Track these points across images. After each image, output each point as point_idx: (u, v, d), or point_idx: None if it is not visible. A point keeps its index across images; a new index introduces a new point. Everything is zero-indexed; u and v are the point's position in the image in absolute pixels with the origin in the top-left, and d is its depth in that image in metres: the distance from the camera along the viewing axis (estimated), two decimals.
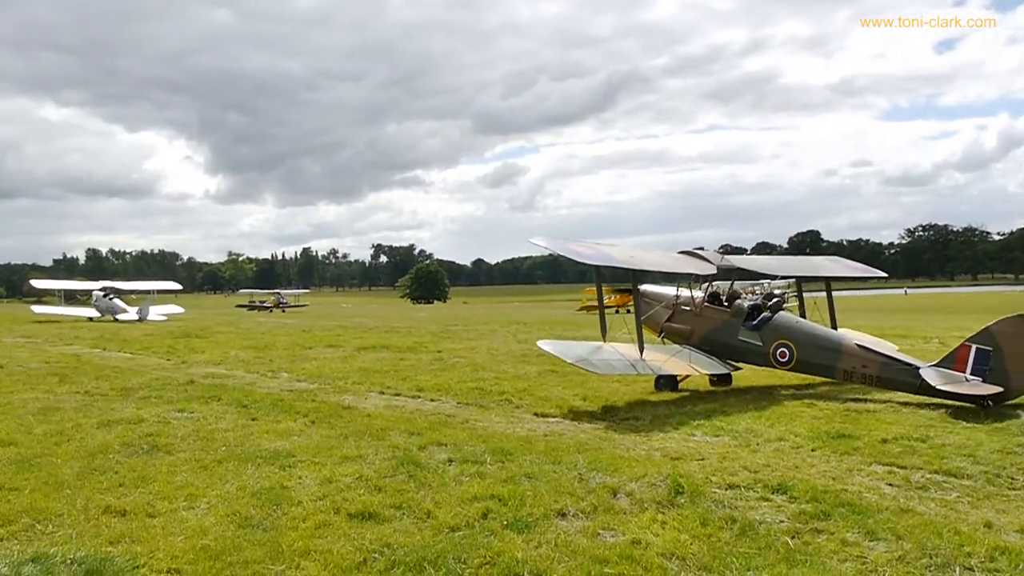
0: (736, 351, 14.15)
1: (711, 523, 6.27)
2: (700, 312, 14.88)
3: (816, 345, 13.19)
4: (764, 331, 13.75)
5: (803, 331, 13.62)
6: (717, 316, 14.64)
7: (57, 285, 61.36)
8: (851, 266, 20.19)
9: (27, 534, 6.09)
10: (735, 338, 14.10)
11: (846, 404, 11.59)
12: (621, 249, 14.68)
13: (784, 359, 13.46)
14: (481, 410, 11.76)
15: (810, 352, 13.16)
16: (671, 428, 10.16)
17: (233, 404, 12.09)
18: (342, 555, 5.61)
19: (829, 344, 13.12)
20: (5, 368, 17.63)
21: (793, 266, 19.69)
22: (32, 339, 28.50)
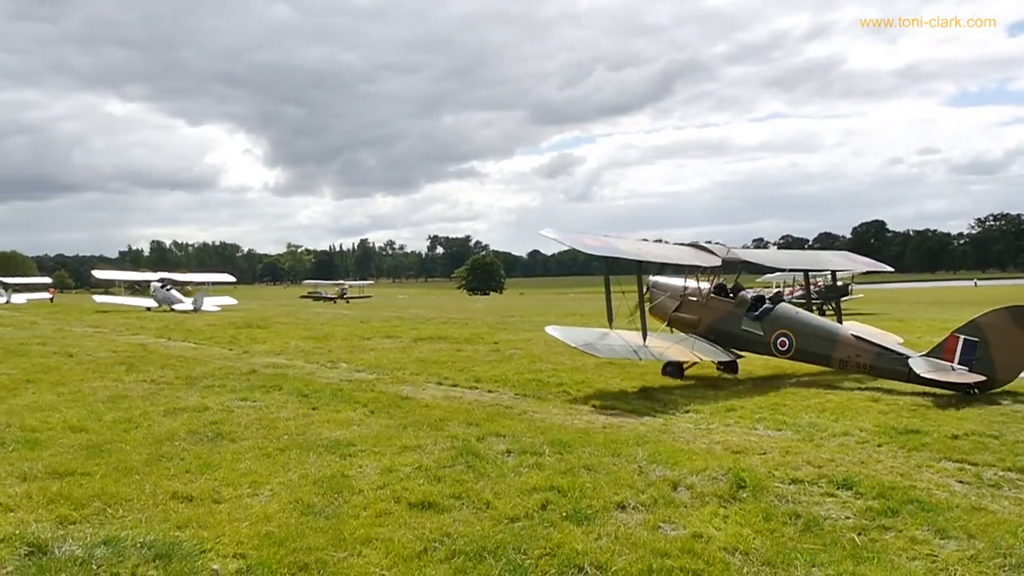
0: (739, 340, 14.77)
1: (774, 518, 6.17)
2: (706, 303, 15.51)
3: (814, 335, 13.83)
4: (765, 321, 14.41)
5: (802, 322, 14.29)
6: (722, 307, 15.28)
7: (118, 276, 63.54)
8: (857, 260, 20.77)
9: (99, 518, 6.26)
10: (739, 328, 14.75)
11: (913, 399, 11.31)
12: (628, 242, 15.41)
13: (784, 348, 14.13)
14: (539, 401, 11.76)
15: (808, 341, 13.80)
16: (732, 421, 10.03)
17: (294, 393, 12.27)
18: (403, 544, 5.65)
19: (826, 334, 13.75)
20: (75, 357, 18.15)
21: (798, 260, 20.41)
22: (100, 329, 29.30)
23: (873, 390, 12.18)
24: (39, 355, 18.54)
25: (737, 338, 14.81)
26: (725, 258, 15.74)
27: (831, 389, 12.42)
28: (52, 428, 9.62)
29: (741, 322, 14.80)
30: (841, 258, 21.91)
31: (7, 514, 6.28)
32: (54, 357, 18.08)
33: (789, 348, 14.08)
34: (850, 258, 21.40)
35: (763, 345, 14.45)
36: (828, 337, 13.66)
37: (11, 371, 15.28)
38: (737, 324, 14.85)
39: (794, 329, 14.06)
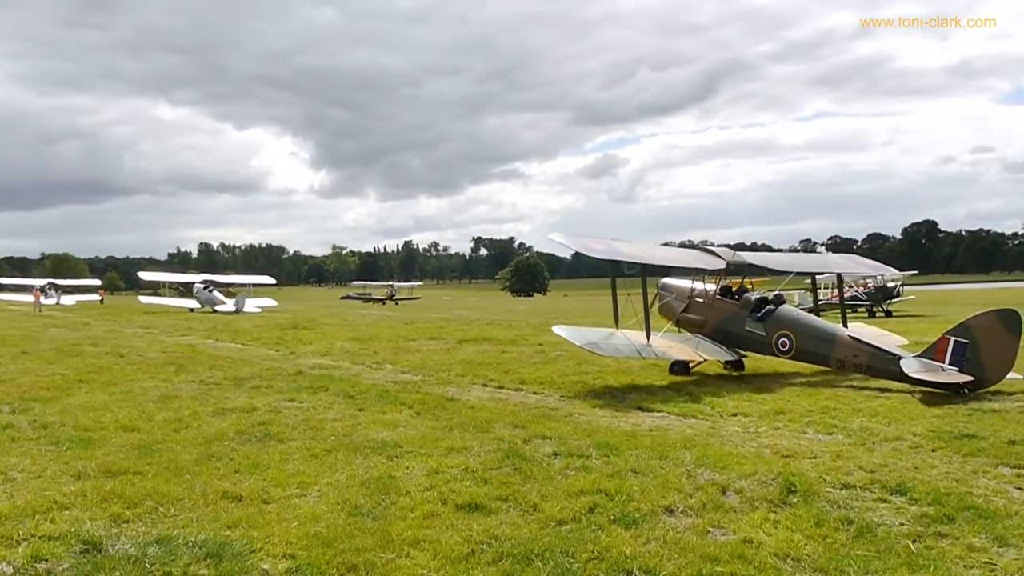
0: (743, 340, 15.30)
1: (826, 524, 6.04)
2: (712, 304, 16.05)
3: (813, 336, 14.30)
4: (768, 322, 14.89)
5: (802, 323, 14.81)
6: (727, 308, 15.79)
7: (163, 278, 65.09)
8: (863, 263, 21.46)
9: (151, 516, 6.34)
10: (742, 328, 15.25)
11: (969, 403, 11.05)
12: (633, 245, 15.81)
13: (784, 348, 14.62)
14: (585, 404, 11.70)
15: (807, 342, 14.28)
16: (781, 425, 9.88)
17: (340, 395, 12.36)
18: (450, 546, 5.64)
19: (825, 335, 14.22)
20: (126, 357, 18.50)
21: (803, 262, 20.93)
22: (150, 330, 29.84)
23: (925, 394, 11.91)
24: (91, 356, 18.93)
25: (741, 338, 15.31)
26: (730, 261, 16.23)
27: (883, 394, 12.18)
28: (105, 427, 9.80)
29: (745, 323, 15.25)
30: (847, 260, 22.73)
31: (62, 512, 6.39)
32: (106, 358, 18.44)
33: (790, 348, 14.56)
34: (856, 261, 21.97)
35: (765, 345, 14.92)
36: (827, 338, 14.12)
37: (64, 371, 15.61)
38: (741, 325, 15.32)
39: (794, 330, 14.54)
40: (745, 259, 17.03)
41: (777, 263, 18.88)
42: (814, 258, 23.64)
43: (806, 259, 23.05)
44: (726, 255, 16.36)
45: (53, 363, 17.21)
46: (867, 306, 41.14)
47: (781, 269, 17.86)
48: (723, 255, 16.31)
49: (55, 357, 18.53)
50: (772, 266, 18.37)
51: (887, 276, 44.08)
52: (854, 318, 38.61)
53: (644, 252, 15.53)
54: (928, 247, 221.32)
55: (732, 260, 16.34)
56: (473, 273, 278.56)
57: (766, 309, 15.14)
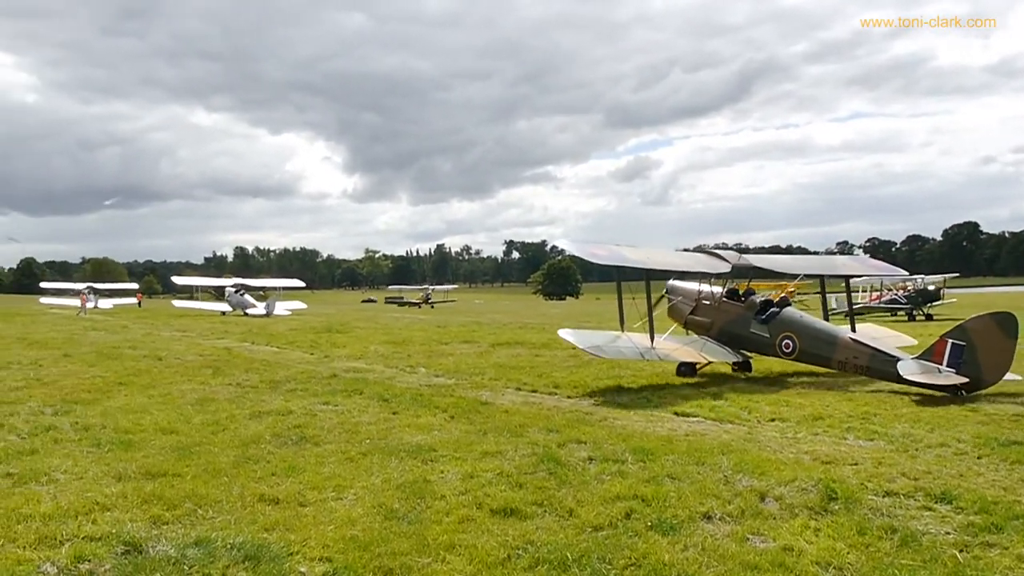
0: (748, 342, 15.67)
1: (869, 532, 5.93)
2: (719, 306, 16.49)
3: (816, 338, 14.61)
4: (772, 324, 15.22)
5: (805, 325, 15.03)
6: (733, 310, 16.21)
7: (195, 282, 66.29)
8: (871, 264, 21.39)
9: (190, 518, 6.39)
10: (747, 330, 15.62)
11: (1016, 409, 10.82)
12: (636, 250, 15.92)
13: (788, 350, 14.94)
14: (619, 408, 11.62)
15: (810, 344, 14.60)
16: (820, 431, 9.73)
17: (375, 398, 12.40)
18: (486, 550, 5.62)
19: (827, 337, 14.52)
20: (164, 360, 18.72)
21: (812, 265, 20.79)
22: (187, 333, 30.20)
23: (970, 400, 11.68)
24: (130, 358, 19.18)
25: (746, 340, 15.68)
26: (735, 264, 16.43)
27: (928, 400, 11.97)
28: (144, 430, 9.91)
29: (750, 325, 15.61)
30: (855, 263, 23.24)
31: (104, 513, 6.47)
32: (144, 360, 18.68)
33: (793, 350, 14.89)
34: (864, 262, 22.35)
35: (769, 347, 15.28)
36: (828, 340, 14.43)
37: (105, 374, 15.83)
38: (746, 327, 15.68)
39: (798, 332, 14.84)
40: (751, 262, 17.18)
41: (783, 266, 19.09)
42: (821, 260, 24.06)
43: (812, 261, 23.54)
44: (732, 258, 16.61)
45: (94, 366, 17.46)
46: (907, 309, 40.51)
47: (786, 271, 18.22)
48: (729, 258, 16.55)
49: (95, 360, 18.80)
50: (778, 269, 18.55)
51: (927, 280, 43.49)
52: (893, 322, 38.22)
53: (647, 257, 15.77)
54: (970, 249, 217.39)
55: (737, 263, 16.54)
56: (505, 276, 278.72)
57: (770, 311, 15.48)
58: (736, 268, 16.53)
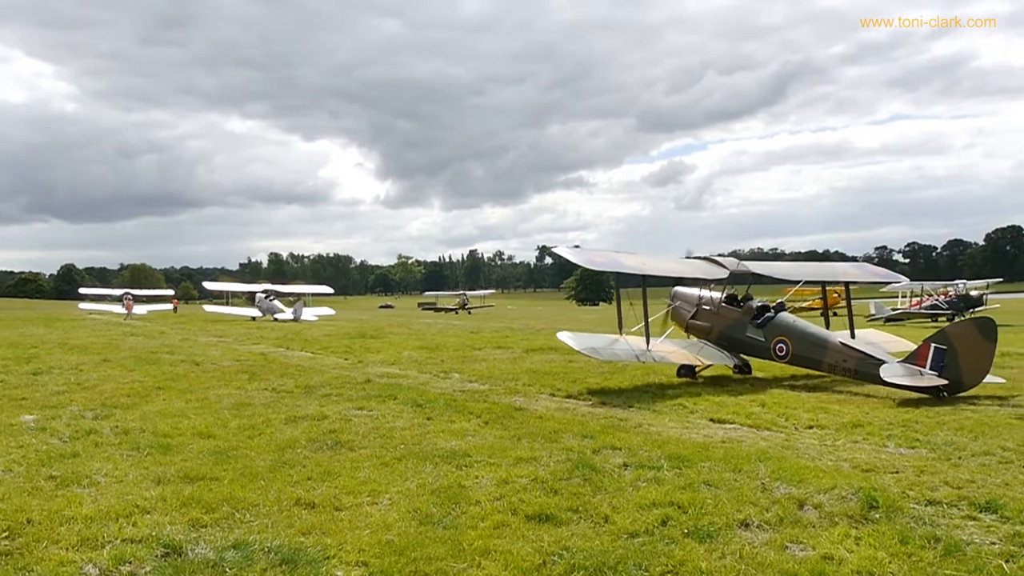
0: (744, 345, 16.25)
1: (911, 541, 5.82)
2: (718, 311, 17.00)
3: (808, 342, 15.09)
4: (767, 329, 15.76)
5: (798, 329, 15.51)
6: (731, 315, 16.70)
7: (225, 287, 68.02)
8: (871, 271, 21.72)
9: (228, 522, 6.45)
10: (744, 334, 16.18)
11: None
12: (634, 257, 16.63)
13: (782, 353, 15.45)
14: (654, 414, 11.55)
15: (803, 347, 15.12)
16: (860, 438, 9.58)
17: (409, 403, 12.43)
18: (522, 556, 5.61)
19: (818, 341, 15.00)
20: (201, 365, 18.92)
21: (811, 271, 21.24)
22: (223, 338, 30.50)
23: (1014, 407, 11.45)
24: (168, 363, 19.41)
25: (743, 343, 16.25)
26: (733, 271, 17.15)
27: (970, 406, 11.76)
28: (182, 434, 10.02)
29: (747, 329, 16.18)
30: (856, 269, 23.34)
31: (144, 516, 6.55)
32: (182, 365, 18.89)
33: (786, 353, 15.40)
34: (865, 269, 22.55)
35: (764, 350, 15.82)
36: (820, 344, 14.93)
37: (143, 378, 16.04)
38: (743, 331, 16.25)
39: (791, 336, 15.37)
40: (749, 268, 17.74)
41: (782, 272, 19.95)
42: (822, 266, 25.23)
43: (813, 268, 24.04)
44: (730, 265, 17.29)
45: (133, 371, 17.70)
46: (949, 315, 39.92)
47: (785, 278, 18.99)
48: (727, 265, 17.24)
49: (134, 365, 19.05)
50: (777, 275, 19.20)
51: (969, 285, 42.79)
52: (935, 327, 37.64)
53: (644, 264, 16.31)
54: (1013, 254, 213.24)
55: (735, 270, 17.23)
56: (538, 282, 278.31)
57: (765, 316, 16.04)
58: (734, 274, 17.25)
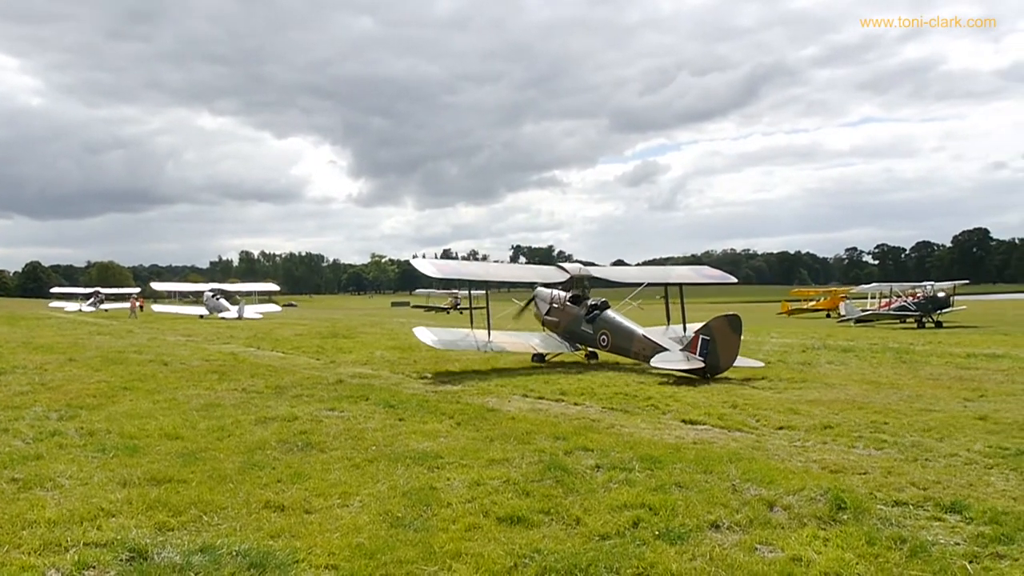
0: (581, 337, 19.60)
1: (878, 542, 5.87)
2: (564, 309, 20.24)
3: (621, 335, 18.45)
4: (595, 324, 19.12)
5: (615, 324, 18.80)
6: (573, 312, 19.98)
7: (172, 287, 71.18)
8: (706, 273, 24.50)
9: (195, 525, 6.38)
10: (580, 328, 19.57)
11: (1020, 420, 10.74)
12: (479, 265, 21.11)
13: (604, 343, 18.88)
14: (626, 415, 11.57)
15: (617, 339, 18.52)
16: (829, 439, 9.65)
17: (381, 404, 12.37)
18: (493, 559, 5.59)
19: (628, 334, 18.31)
20: (170, 365, 18.73)
21: (647, 274, 24.65)
22: (192, 338, 30.22)
23: (980, 409, 11.62)
24: (135, 363, 19.20)
25: (580, 336, 19.63)
26: (574, 275, 20.54)
27: (937, 407, 11.90)
28: (149, 435, 9.90)
29: (581, 324, 19.49)
30: (692, 271, 26.58)
31: (109, 519, 6.46)
32: (150, 365, 18.70)
33: (607, 343, 18.78)
34: (700, 272, 25.48)
35: (593, 341, 19.23)
36: (629, 336, 18.25)
37: (110, 379, 15.85)
38: (580, 325, 19.57)
39: (610, 330, 18.75)
40: (590, 272, 21.56)
41: (618, 276, 24.32)
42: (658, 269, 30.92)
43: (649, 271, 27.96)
44: (572, 269, 20.72)
45: (99, 370, 17.48)
46: (916, 316, 40.40)
47: (621, 281, 22.73)
48: (570, 270, 20.65)
49: (100, 364, 18.82)
50: (613, 279, 23.18)
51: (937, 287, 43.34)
52: (903, 328, 38.10)
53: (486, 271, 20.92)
54: (979, 256, 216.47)
55: (576, 274, 20.63)
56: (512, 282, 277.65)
57: (593, 313, 19.28)
58: (575, 278, 20.55)
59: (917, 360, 19.30)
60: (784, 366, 17.94)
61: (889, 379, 15.43)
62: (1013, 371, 16.64)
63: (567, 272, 20.43)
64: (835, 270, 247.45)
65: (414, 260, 20.86)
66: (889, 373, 16.56)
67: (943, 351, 21.74)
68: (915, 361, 19.07)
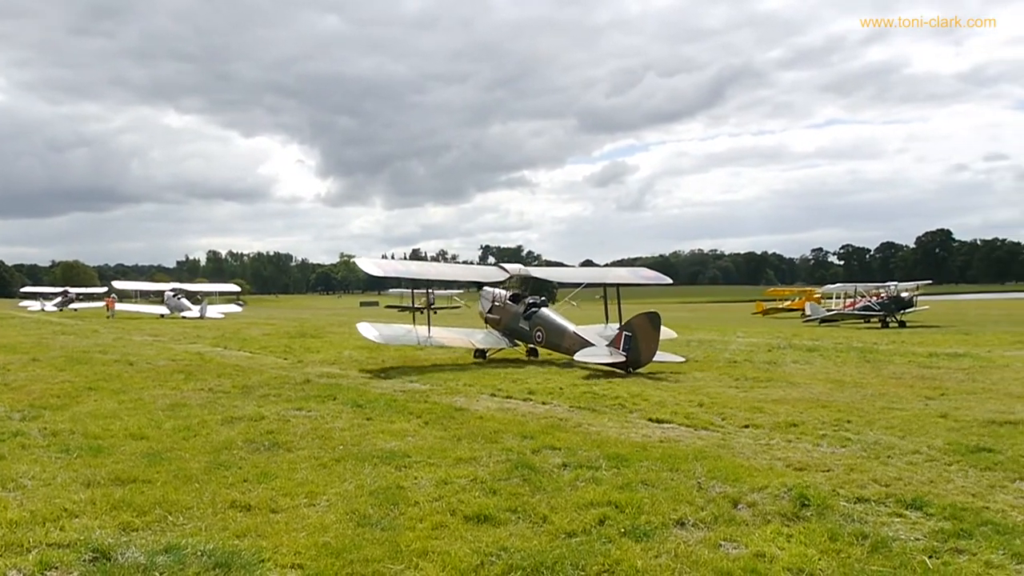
0: (518, 334, 20.75)
1: (840, 538, 5.96)
2: (504, 307, 21.42)
3: (554, 331, 19.69)
4: (531, 321, 20.29)
5: (549, 321, 20.03)
6: (512, 310, 21.14)
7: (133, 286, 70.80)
8: (642, 275, 25.53)
9: (160, 525, 6.32)
10: (518, 325, 20.70)
11: (986, 416, 10.95)
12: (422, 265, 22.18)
13: (539, 339, 20.09)
14: (594, 414, 11.63)
15: (551, 335, 19.76)
16: (794, 437, 9.78)
17: (348, 404, 12.33)
18: (459, 557, 5.60)
19: (560, 331, 19.54)
20: (135, 365, 18.53)
21: (585, 275, 26.38)
22: (159, 337, 29.91)
23: (942, 407, 11.82)
24: (101, 363, 18.97)
25: (517, 332, 20.75)
26: (515, 274, 22.11)
27: (898, 405, 12.09)
28: (114, 435, 9.79)
29: (519, 321, 20.63)
30: (628, 272, 28.10)
31: (72, 520, 6.38)
32: (115, 365, 18.49)
33: (542, 340, 19.99)
34: (637, 273, 26.56)
35: (529, 338, 20.38)
36: (560, 333, 19.45)
37: (74, 379, 15.64)
38: (518, 323, 20.71)
39: (544, 327, 19.94)
40: (530, 272, 23.33)
41: (558, 276, 26.18)
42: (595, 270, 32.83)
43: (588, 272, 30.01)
44: (512, 270, 22.26)
45: (63, 370, 17.25)
46: (880, 316, 40.95)
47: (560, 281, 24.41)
48: (510, 270, 22.20)
49: (65, 364, 18.58)
50: (552, 279, 24.96)
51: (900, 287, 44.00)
52: (867, 328, 38.61)
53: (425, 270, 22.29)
54: (942, 256, 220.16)
55: (516, 273, 22.21)
56: None
57: (529, 311, 20.48)
58: (515, 277, 22.17)
59: (880, 359, 19.61)
60: (750, 365, 18.16)
61: (853, 378, 15.67)
62: (974, 370, 16.96)
63: (507, 272, 22.04)
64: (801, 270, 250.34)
65: (358, 260, 22.00)
66: (853, 372, 16.81)
67: (906, 350, 22.12)
68: (879, 360, 19.38)
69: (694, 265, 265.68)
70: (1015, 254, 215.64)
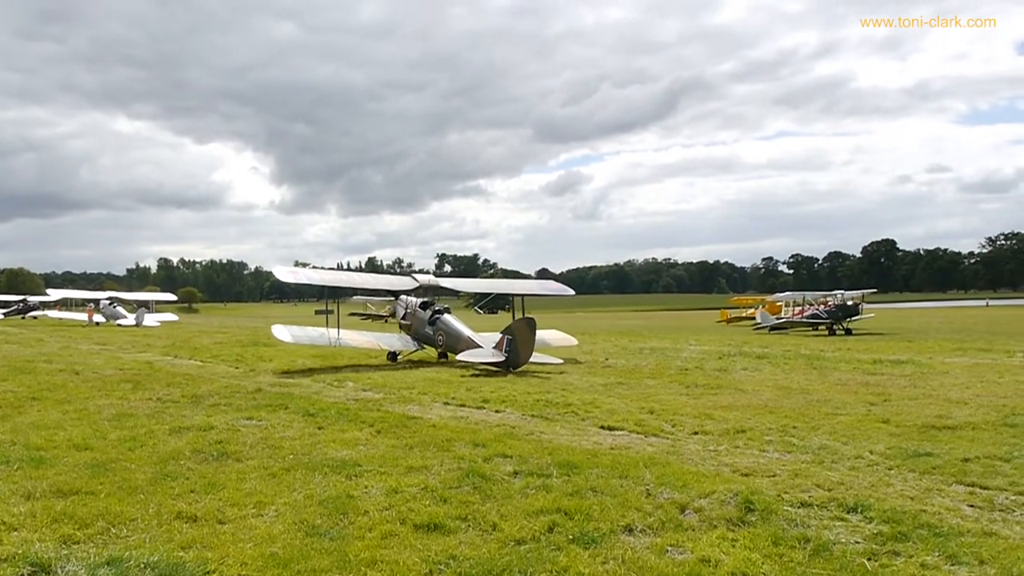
0: (425, 338, 22.78)
1: (783, 542, 6.08)
2: (415, 313, 23.36)
3: (452, 336, 21.75)
4: (434, 327, 22.33)
5: (449, 327, 22.11)
6: (421, 316, 23.14)
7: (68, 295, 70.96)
8: (549, 287, 28.48)
9: (103, 537, 6.21)
10: (424, 330, 22.77)
11: (926, 421, 11.23)
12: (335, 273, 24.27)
13: (441, 343, 22.11)
14: (546, 422, 11.68)
15: (449, 340, 21.80)
16: (741, 443, 9.93)
17: (300, 413, 12.23)
18: (408, 566, 5.60)
19: (457, 335, 21.60)
20: (81, 375, 18.15)
21: (492, 286, 29.58)
22: (106, 346, 29.34)
23: (884, 413, 12.09)
24: (45, 373, 18.55)
25: (425, 337, 22.76)
26: (423, 284, 24.43)
27: (842, 411, 12.34)
28: (57, 446, 9.59)
29: (426, 326, 22.68)
30: (536, 285, 31.50)
31: (11, 533, 6.24)
32: (60, 375, 18.08)
33: (442, 344, 22.02)
34: (544, 286, 29.44)
35: (432, 342, 22.42)
36: (457, 337, 21.49)
37: (16, 388, 15.29)
38: (424, 328, 22.74)
39: (445, 332, 22.03)
40: (438, 282, 25.64)
41: (463, 286, 30.36)
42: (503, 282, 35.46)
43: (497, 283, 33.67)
44: (422, 279, 24.68)
45: (5, 380, 16.83)
46: (827, 324, 41.67)
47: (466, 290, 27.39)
48: (419, 280, 24.61)
49: (7, 374, 18.13)
50: (458, 288, 27.93)
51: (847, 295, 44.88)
52: (815, 335, 39.28)
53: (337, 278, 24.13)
54: (887, 265, 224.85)
55: (425, 284, 24.49)
56: None
57: (433, 317, 22.52)
58: (424, 287, 24.31)
59: (827, 366, 19.98)
60: (701, 372, 18.38)
61: (800, 385, 15.95)
62: (915, 376, 17.37)
63: (417, 282, 24.52)
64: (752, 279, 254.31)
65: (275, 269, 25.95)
66: (800, 379, 17.11)
67: (851, 357, 22.56)
68: (825, 367, 19.74)
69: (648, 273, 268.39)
70: (956, 264, 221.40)
